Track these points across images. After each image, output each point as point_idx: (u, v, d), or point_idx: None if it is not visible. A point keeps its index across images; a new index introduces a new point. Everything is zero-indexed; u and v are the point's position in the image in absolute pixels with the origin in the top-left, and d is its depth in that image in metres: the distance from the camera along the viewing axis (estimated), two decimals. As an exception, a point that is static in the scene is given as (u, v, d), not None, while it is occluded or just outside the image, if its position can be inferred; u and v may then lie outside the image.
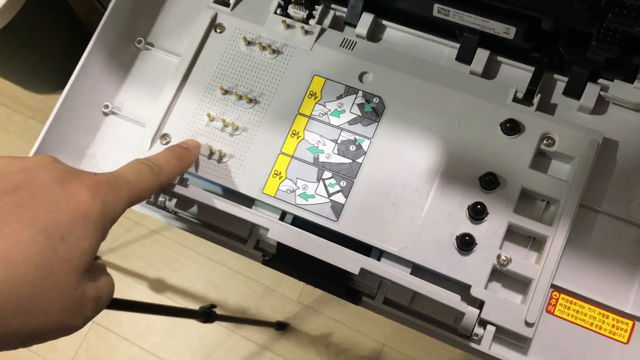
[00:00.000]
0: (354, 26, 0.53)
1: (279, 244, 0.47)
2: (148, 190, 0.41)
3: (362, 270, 0.45)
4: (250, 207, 0.51)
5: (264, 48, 0.52)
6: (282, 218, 0.50)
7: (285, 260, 0.48)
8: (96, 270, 0.37)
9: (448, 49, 0.53)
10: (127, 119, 0.55)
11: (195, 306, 1.15)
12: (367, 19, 0.53)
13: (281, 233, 0.47)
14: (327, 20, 0.54)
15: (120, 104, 0.55)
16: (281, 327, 1.35)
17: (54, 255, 0.33)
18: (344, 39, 0.52)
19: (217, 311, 1.12)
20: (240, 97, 0.51)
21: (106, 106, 0.55)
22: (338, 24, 0.54)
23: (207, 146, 0.51)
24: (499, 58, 0.51)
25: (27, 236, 0.32)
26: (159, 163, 0.43)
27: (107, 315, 1.37)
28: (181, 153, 0.46)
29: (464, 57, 0.51)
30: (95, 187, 0.36)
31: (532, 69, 0.50)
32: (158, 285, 1.39)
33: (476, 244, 0.45)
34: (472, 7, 0.48)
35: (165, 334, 1.36)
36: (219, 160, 0.50)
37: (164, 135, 0.52)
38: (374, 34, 0.54)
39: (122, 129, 0.55)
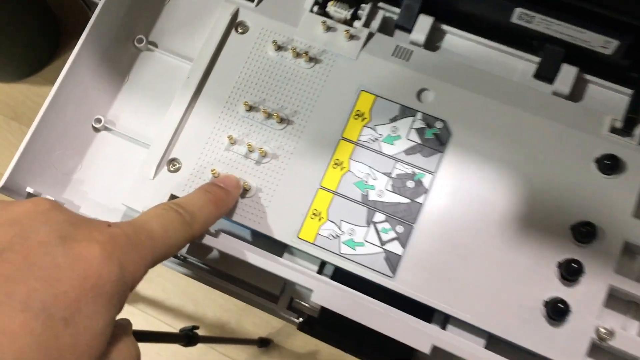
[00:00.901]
0: (408, 31, 0.44)
1: (323, 307, 0.38)
2: (177, 246, 0.33)
3: (434, 348, 0.36)
4: (282, 254, 0.41)
5: (298, 55, 0.43)
6: (321, 269, 0.41)
7: (330, 327, 0.39)
8: (114, 349, 0.28)
9: (522, 63, 0.44)
10: (125, 136, 0.44)
11: (170, 320, 1.05)
12: (425, 22, 0.43)
13: (329, 296, 0.37)
14: (376, 23, 0.44)
15: (115, 118, 0.45)
16: (264, 344, 1.25)
17: (55, 345, 0.25)
18: (397, 46, 0.43)
19: (198, 331, 1.02)
20: (269, 116, 0.42)
21: (98, 120, 0.44)
22: (387, 28, 0.45)
23: (226, 175, 0.41)
24: (587, 77, 0.42)
25: (18, 324, 0.24)
26: (191, 210, 0.34)
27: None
28: (219, 196, 0.37)
29: (545, 73, 0.42)
30: (109, 245, 0.28)
31: (630, 91, 0.41)
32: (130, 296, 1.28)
33: (570, 312, 0.37)
34: (567, 14, 0.39)
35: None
36: (243, 195, 0.41)
37: (172, 161, 0.42)
38: (432, 41, 0.44)
39: (117, 149, 0.44)
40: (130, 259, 0.28)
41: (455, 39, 0.45)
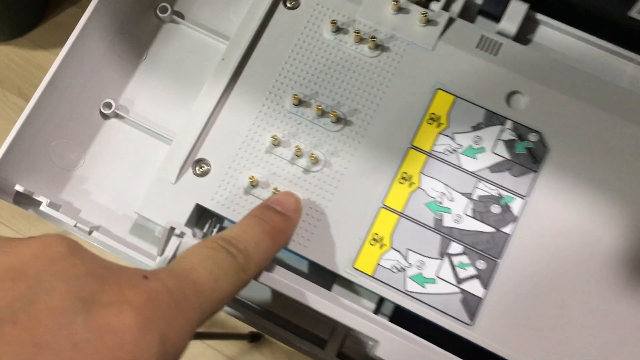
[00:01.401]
0: (496, 19, 0.36)
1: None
2: (228, 299, 0.25)
3: None
4: (331, 285, 0.33)
5: (361, 39, 0.35)
6: (378, 306, 0.33)
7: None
8: None
9: (632, 67, 0.36)
10: (140, 126, 0.36)
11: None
12: (517, 9, 0.36)
13: (399, 350, 0.30)
14: (457, 5, 0.36)
15: (128, 103, 0.37)
16: (255, 338, 1.18)
17: None
18: (483, 37, 0.35)
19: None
20: (322, 113, 0.34)
21: (107, 104, 0.36)
22: (468, 13, 0.37)
23: (266, 184, 0.33)
24: None
25: None
26: (245, 248, 0.27)
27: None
28: (277, 226, 0.30)
29: (664, 82, 0.35)
30: (148, 309, 0.20)
31: None
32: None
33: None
34: None
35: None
36: (286, 210, 0.33)
37: (200, 162, 0.34)
38: (522, 33, 0.36)
39: (130, 142, 0.36)
40: (174, 327, 0.20)
41: (552, 32, 0.37)
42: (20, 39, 1.02)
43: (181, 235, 0.31)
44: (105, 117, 0.36)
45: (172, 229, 0.31)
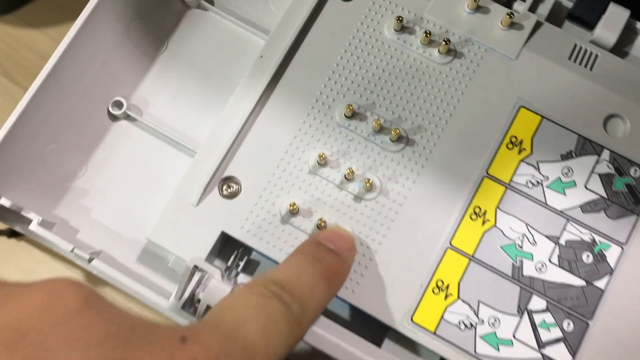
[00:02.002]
0: (589, 26, 0.30)
1: None
2: (281, 357, 0.20)
3: None
4: (380, 341, 0.28)
5: (430, 42, 0.29)
6: (438, 369, 0.27)
7: None
8: None
9: None
10: (155, 131, 0.30)
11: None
12: (617, 16, 0.30)
13: None
14: (545, 7, 0.30)
15: (142, 102, 0.31)
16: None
17: None
18: (576, 46, 0.29)
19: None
20: (380, 129, 0.28)
21: (117, 103, 0.30)
22: (555, 16, 0.31)
23: (308, 212, 0.27)
24: None
25: None
26: (300, 295, 0.22)
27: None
28: (332, 268, 0.24)
29: None
30: None
31: None
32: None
33: None
34: None
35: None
36: (332, 246, 0.27)
37: (228, 181, 0.28)
38: (619, 44, 0.31)
39: (142, 149, 0.30)
40: None
41: (654, 45, 0.31)
42: (8, 15, 0.95)
43: (203, 271, 0.26)
44: (114, 118, 0.30)
45: (195, 267, 0.25)
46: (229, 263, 0.29)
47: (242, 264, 0.29)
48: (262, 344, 0.19)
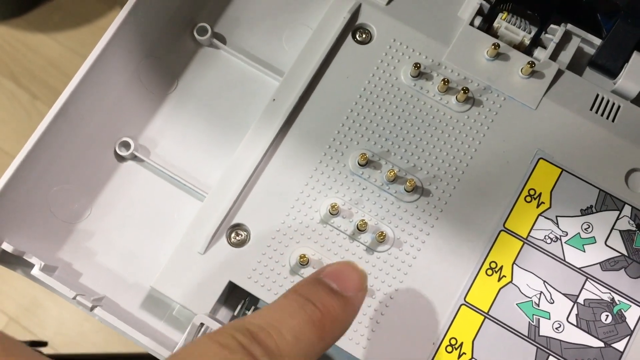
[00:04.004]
0: (612, 74, 0.30)
1: None
2: None
3: None
4: (390, 399, 0.27)
5: (448, 89, 0.29)
6: None
7: None
8: None
9: None
10: (162, 172, 0.30)
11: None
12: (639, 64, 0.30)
13: None
14: (566, 55, 0.30)
15: (151, 143, 0.31)
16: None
17: None
18: (598, 96, 0.29)
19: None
20: (395, 179, 0.28)
21: (125, 144, 0.30)
22: (576, 63, 0.31)
23: (319, 263, 0.27)
24: None
25: None
26: (277, 347, 0.19)
27: None
28: (329, 312, 0.20)
29: None
30: None
31: None
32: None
33: None
34: None
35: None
36: (342, 299, 0.27)
37: (236, 228, 0.28)
38: (641, 94, 0.30)
39: (149, 192, 0.30)
40: None
41: (679, 96, 0.31)
42: (16, 19, 0.95)
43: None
44: (121, 159, 0.30)
45: (202, 325, 0.25)
46: (236, 312, 0.29)
47: (248, 313, 0.29)
48: None
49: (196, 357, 0.18)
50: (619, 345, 0.27)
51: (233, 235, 0.28)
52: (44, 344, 0.75)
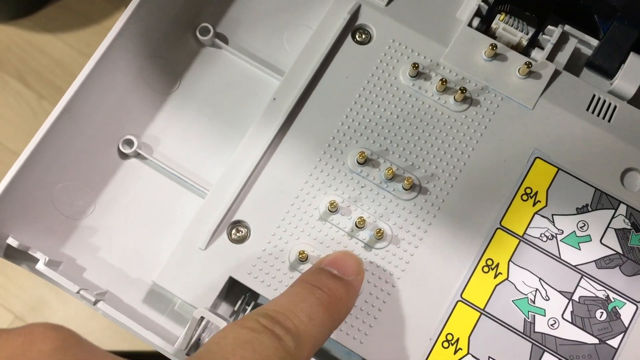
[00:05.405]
0: (608, 75, 0.31)
1: None
2: None
3: None
4: (387, 394, 0.28)
5: (446, 89, 0.29)
6: None
7: None
8: None
9: None
10: (164, 170, 0.31)
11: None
12: (637, 65, 0.30)
13: None
14: (564, 56, 0.31)
15: (153, 141, 0.31)
16: None
17: None
18: (595, 97, 0.30)
19: None
20: (393, 177, 0.28)
21: (128, 142, 0.31)
22: (573, 64, 0.31)
23: (318, 259, 0.28)
24: None
25: None
26: (295, 327, 0.22)
27: None
28: (335, 294, 0.24)
29: None
30: None
31: None
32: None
33: None
34: None
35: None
36: (340, 295, 0.27)
37: (237, 225, 0.29)
38: (639, 94, 0.31)
39: (151, 188, 0.31)
40: None
41: (675, 97, 0.31)
42: (23, 19, 0.96)
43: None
44: (124, 156, 0.31)
45: (202, 319, 0.26)
46: (236, 307, 0.30)
47: (249, 308, 0.30)
48: None
49: (229, 340, 0.21)
50: (614, 342, 0.27)
51: (234, 231, 0.29)
52: None
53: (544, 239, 0.28)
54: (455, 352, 0.27)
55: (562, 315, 0.27)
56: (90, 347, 0.18)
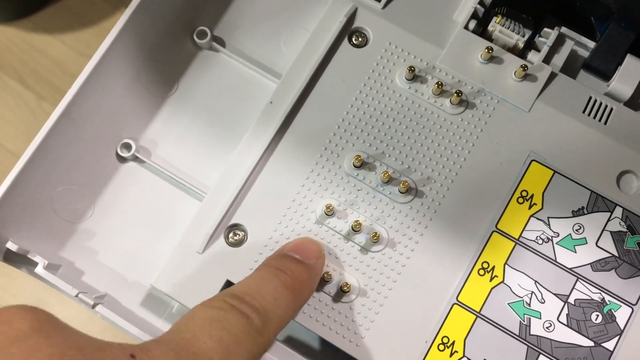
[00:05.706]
0: (605, 77, 0.31)
1: None
2: None
3: None
4: (383, 396, 0.28)
5: (442, 92, 0.29)
6: None
7: None
8: None
9: None
10: (162, 173, 0.31)
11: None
12: (634, 68, 0.30)
13: None
14: (560, 58, 0.31)
15: (151, 144, 0.32)
16: None
17: None
18: (591, 99, 0.30)
19: None
20: (389, 180, 0.29)
21: (126, 146, 0.31)
22: (569, 65, 0.31)
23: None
24: None
25: None
26: (261, 306, 0.23)
27: None
28: (297, 277, 0.25)
29: None
30: None
31: None
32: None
33: None
34: None
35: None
36: (337, 298, 0.28)
37: (234, 228, 0.29)
38: (635, 96, 0.31)
39: (150, 192, 0.31)
40: None
41: (672, 99, 0.31)
42: (23, 20, 0.97)
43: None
44: (123, 160, 0.31)
45: (199, 322, 0.26)
46: (233, 310, 0.30)
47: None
48: (217, 356, 0.20)
49: (196, 320, 0.21)
50: (609, 345, 0.27)
51: (231, 235, 0.29)
52: None
53: (540, 241, 0.28)
54: (451, 354, 0.27)
55: (558, 317, 0.28)
56: (66, 327, 0.19)
